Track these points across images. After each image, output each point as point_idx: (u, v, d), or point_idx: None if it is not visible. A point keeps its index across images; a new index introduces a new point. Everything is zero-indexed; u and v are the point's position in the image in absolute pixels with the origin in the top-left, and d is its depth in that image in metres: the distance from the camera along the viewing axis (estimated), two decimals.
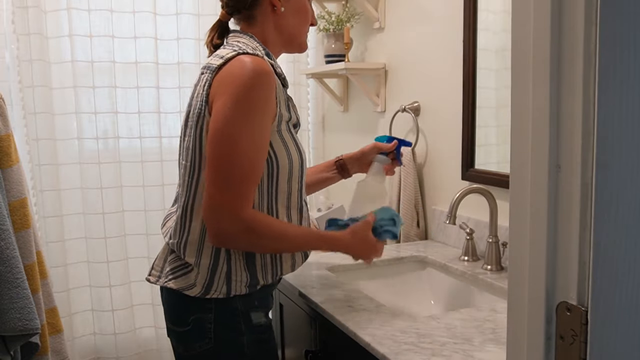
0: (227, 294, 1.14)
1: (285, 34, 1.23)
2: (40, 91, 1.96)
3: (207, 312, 1.14)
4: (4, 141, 1.51)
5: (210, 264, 1.13)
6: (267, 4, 1.19)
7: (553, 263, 0.53)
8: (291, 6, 1.21)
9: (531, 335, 0.56)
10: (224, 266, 1.13)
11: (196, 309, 1.15)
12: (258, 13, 1.20)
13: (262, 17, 1.20)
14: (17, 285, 1.42)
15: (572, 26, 0.50)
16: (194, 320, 1.15)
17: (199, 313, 1.15)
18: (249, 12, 1.19)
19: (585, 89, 0.49)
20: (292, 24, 1.22)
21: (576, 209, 0.51)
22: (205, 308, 1.15)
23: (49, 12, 1.95)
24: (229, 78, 1.08)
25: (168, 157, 2.12)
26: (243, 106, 1.06)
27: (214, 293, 1.13)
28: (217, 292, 1.14)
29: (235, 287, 1.14)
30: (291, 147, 1.17)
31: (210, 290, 1.13)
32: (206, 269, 1.13)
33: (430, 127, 1.85)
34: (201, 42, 2.09)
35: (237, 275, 1.14)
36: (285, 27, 1.22)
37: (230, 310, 1.15)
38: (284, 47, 1.27)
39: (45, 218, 2.01)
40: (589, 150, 0.49)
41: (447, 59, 1.74)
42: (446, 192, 1.77)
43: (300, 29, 1.25)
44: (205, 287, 1.13)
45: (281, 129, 1.15)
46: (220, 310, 1.15)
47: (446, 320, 1.18)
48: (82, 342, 2.12)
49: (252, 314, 1.17)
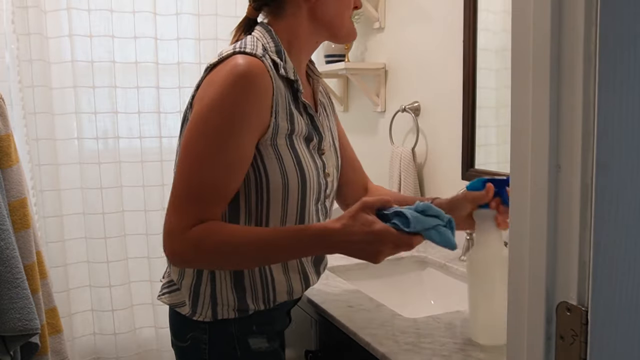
0: (212, 318, 1.04)
1: (324, 23, 1.08)
2: (40, 91, 1.96)
3: (202, 332, 1.06)
4: (4, 141, 1.51)
5: (192, 283, 1.04)
6: None
7: (553, 263, 0.53)
8: None
9: (531, 335, 0.56)
10: (208, 287, 1.03)
11: (192, 327, 1.07)
12: (287, 4, 1.05)
13: (292, 9, 1.05)
14: (17, 286, 1.42)
15: (572, 26, 0.50)
16: (191, 338, 1.08)
17: (195, 332, 1.07)
18: (278, 4, 1.06)
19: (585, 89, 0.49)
20: (331, 10, 1.07)
21: (576, 209, 0.51)
22: (200, 328, 1.06)
23: (49, 12, 1.95)
24: (210, 83, 0.96)
25: (168, 157, 2.12)
26: (216, 117, 0.93)
27: (200, 316, 1.05)
28: (203, 315, 1.04)
29: (221, 310, 1.04)
30: (288, 164, 1.00)
31: (196, 313, 1.05)
32: (188, 289, 1.05)
33: (430, 127, 1.85)
34: (201, 42, 2.09)
35: (223, 297, 1.03)
36: (323, 15, 1.06)
37: (224, 333, 1.06)
38: (329, 37, 1.13)
39: (45, 218, 2.01)
40: (589, 150, 0.49)
41: (447, 59, 1.74)
42: (446, 192, 1.77)
43: (342, 14, 1.09)
44: (192, 308, 1.05)
45: (276, 143, 0.99)
46: (213, 332, 1.06)
47: (446, 320, 1.17)
48: (82, 342, 2.12)
49: (249, 340, 1.06)
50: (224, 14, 2.11)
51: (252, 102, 0.95)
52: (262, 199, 1.00)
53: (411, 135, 1.91)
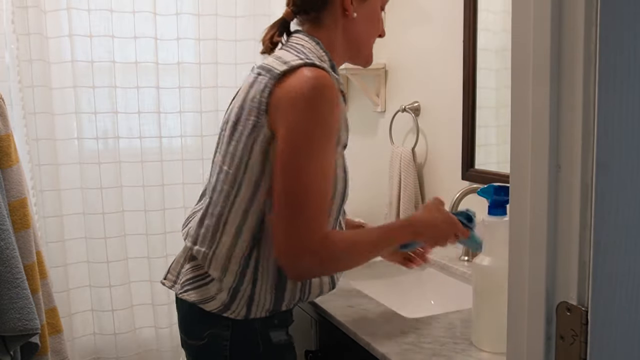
0: (245, 317, 1.06)
1: (353, 42, 1.13)
2: (40, 91, 1.96)
3: (224, 329, 1.07)
4: (4, 141, 1.51)
5: (233, 283, 1.04)
6: (338, 7, 1.09)
7: (553, 263, 0.53)
8: (364, 12, 1.12)
9: (531, 335, 0.56)
10: (248, 289, 1.05)
11: (213, 324, 1.07)
12: (326, 16, 1.10)
13: (330, 21, 1.10)
14: (17, 286, 1.42)
15: (572, 26, 0.50)
16: (209, 335, 1.08)
17: (215, 329, 1.07)
18: (317, 14, 1.10)
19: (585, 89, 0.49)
20: (361, 32, 1.13)
21: (576, 209, 0.51)
22: (222, 325, 1.07)
23: (48, 12, 1.95)
24: (294, 96, 0.97)
25: (168, 157, 2.11)
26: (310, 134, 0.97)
27: (232, 313, 1.06)
28: (235, 313, 1.06)
29: (255, 311, 1.06)
30: (340, 172, 1.07)
31: (229, 310, 1.06)
32: (228, 288, 1.05)
33: (430, 127, 1.85)
34: (201, 42, 2.09)
35: (261, 299, 1.05)
36: (353, 35, 1.12)
37: (248, 329, 1.07)
38: (350, 57, 1.18)
39: (45, 218, 2.01)
40: (589, 150, 0.49)
41: (447, 59, 1.74)
42: (446, 192, 1.77)
43: (368, 39, 1.16)
44: (225, 305, 1.06)
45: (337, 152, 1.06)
46: (238, 328, 1.07)
47: (446, 320, 1.17)
48: (82, 342, 2.12)
49: (271, 334, 1.09)
50: (224, 14, 2.10)
51: (335, 115, 1.00)
52: None
53: (411, 135, 1.91)
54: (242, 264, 1.04)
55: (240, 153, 1.02)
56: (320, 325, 1.34)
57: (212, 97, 2.12)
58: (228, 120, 1.09)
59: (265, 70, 1.02)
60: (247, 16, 2.13)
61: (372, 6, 1.13)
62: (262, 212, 1.02)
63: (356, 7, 1.10)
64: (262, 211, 1.02)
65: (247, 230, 1.03)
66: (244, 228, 1.03)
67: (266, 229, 1.03)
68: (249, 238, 1.03)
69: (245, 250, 1.03)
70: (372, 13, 1.14)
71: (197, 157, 2.13)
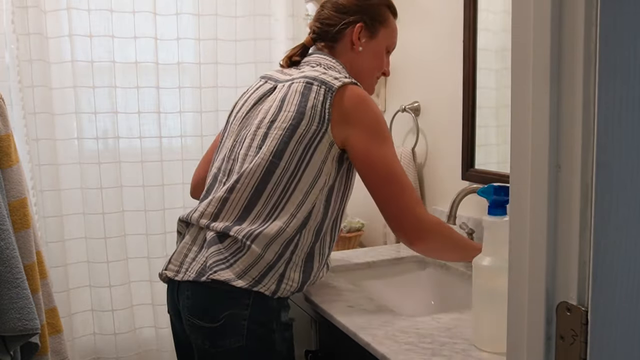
0: (272, 293, 1.18)
1: (357, 73, 1.32)
2: (40, 91, 1.96)
3: (243, 308, 1.17)
4: (4, 141, 1.51)
5: (271, 261, 1.18)
6: (348, 41, 1.32)
7: (553, 263, 0.53)
8: (369, 48, 1.33)
9: (531, 335, 0.56)
10: (281, 268, 1.19)
11: (232, 305, 1.17)
12: (339, 45, 1.33)
13: (341, 50, 1.33)
14: (17, 285, 1.42)
15: (572, 26, 0.50)
16: (227, 316, 1.16)
17: (234, 309, 1.16)
18: (332, 44, 1.33)
19: (585, 89, 0.49)
20: (365, 66, 1.34)
21: (576, 209, 0.51)
22: (242, 304, 1.17)
23: (48, 12, 1.95)
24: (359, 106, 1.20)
25: (168, 157, 2.11)
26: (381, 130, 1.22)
27: (262, 287, 1.17)
28: (265, 288, 1.17)
29: (283, 289, 1.19)
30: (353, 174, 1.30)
31: (259, 285, 1.17)
32: (265, 264, 1.17)
33: (430, 127, 1.85)
34: (201, 42, 2.09)
35: (289, 279, 1.20)
36: (358, 66, 1.33)
37: (267, 307, 1.19)
38: None
39: (45, 218, 2.00)
40: (589, 150, 0.49)
41: (447, 59, 1.74)
42: (446, 192, 1.77)
43: (370, 73, 1.36)
44: (256, 279, 1.17)
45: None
46: (257, 307, 1.17)
47: (446, 320, 1.18)
48: (82, 342, 2.12)
49: (282, 313, 1.22)
50: (224, 14, 2.10)
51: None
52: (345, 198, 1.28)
53: (411, 135, 1.91)
54: (284, 245, 1.18)
55: (302, 152, 1.19)
56: (320, 325, 1.34)
57: (212, 97, 2.12)
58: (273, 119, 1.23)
59: (320, 82, 1.21)
60: (247, 16, 2.12)
61: (378, 46, 1.34)
62: (313, 205, 1.20)
63: (363, 43, 1.32)
64: (314, 203, 1.20)
65: (299, 218, 1.19)
66: (297, 216, 1.19)
67: (312, 218, 1.20)
68: (297, 225, 1.19)
69: (291, 235, 1.19)
70: (376, 51, 1.34)
71: (197, 157, 2.12)
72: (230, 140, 1.31)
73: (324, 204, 1.22)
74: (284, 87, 1.25)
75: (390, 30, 1.37)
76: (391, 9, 1.38)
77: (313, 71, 1.24)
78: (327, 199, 1.22)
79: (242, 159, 1.24)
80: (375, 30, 1.33)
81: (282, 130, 1.20)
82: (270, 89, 1.30)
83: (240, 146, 1.27)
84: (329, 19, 1.33)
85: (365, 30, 1.32)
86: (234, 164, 1.26)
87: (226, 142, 1.33)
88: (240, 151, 1.26)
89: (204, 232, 1.23)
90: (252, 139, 1.24)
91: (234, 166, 1.26)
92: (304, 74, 1.25)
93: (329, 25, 1.32)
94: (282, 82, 1.28)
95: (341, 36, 1.32)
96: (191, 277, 1.19)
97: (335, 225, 1.28)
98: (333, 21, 1.32)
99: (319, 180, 1.20)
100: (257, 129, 1.24)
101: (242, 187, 1.21)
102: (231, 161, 1.27)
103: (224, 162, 1.29)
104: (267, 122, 1.23)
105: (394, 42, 1.40)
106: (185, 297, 1.22)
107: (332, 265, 1.57)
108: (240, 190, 1.21)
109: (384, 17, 1.35)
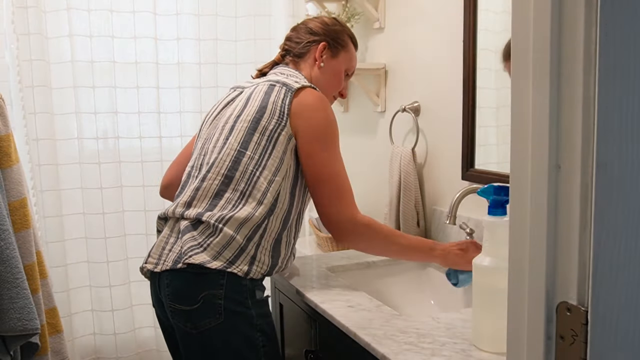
0: (245, 274, 1.26)
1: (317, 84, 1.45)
2: (40, 91, 1.96)
3: (218, 288, 1.24)
4: (4, 141, 1.51)
5: (242, 243, 1.26)
6: (312, 57, 1.47)
7: (553, 263, 0.53)
8: (329, 67, 1.48)
9: (531, 335, 0.56)
10: (252, 250, 1.28)
11: (207, 286, 1.24)
12: (303, 61, 1.49)
13: (304, 65, 1.48)
14: (17, 285, 1.42)
15: (572, 26, 0.50)
16: (204, 297, 1.23)
17: (209, 289, 1.24)
18: (297, 59, 1.49)
19: (585, 89, 0.49)
20: (324, 82, 1.47)
21: (576, 209, 0.51)
22: (217, 284, 1.24)
23: (48, 12, 1.95)
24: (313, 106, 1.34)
25: (168, 157, 2.11)
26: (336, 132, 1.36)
27: (235, 268, 1.25)
28: (238, 269, 1.25)
29: (254, 271, 1.27)
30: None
31: (232, 266, 1.25)
32: (237, 245, 1.26)
33: (430, 127, 1.85)
34: (201, 42, 2.09)
35: (260, 262, 1.29)
36: (317, 81, 1.46)
37: (240, 286, 1.26)
38: None
39: (45, 218, 2.00)
40: (589, 150, 0.49)
41: (447, 59, 1.74)
42: (446, 192, 1.77)
43: (328, 90, 1.49)
44: (230, 260, 1.25)
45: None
46: (230, 286, 1.25)
47: (446, 320, 1.18)
48: (82, 342, 2.12)
49: (256, 291, 1.29)
50: (224, 14, 2.10)
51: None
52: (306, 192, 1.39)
53: (411, 135, 1.91)
54: (253, 229, 1.28)
55: (265, 143, 1.31)
56: (320, 325, 1.34)
57: (212, 97, 2.11)
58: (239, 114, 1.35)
59: (282, 84, 1.35)
60: (247, 16, 2.13)
61: (338, 65, 1.49)
62: (278, 193, 1.30)
63: (325, 59, 1.47)
64: (278, 191, 1.30)
65: (266, 205, 1.29)
66: (265, 202, 1.29)
67: (278, 206, 1.31)
68: (265, 211, 1.29)
69: (260, 219, 1.28)
70: (336, 71, 1.49)
71: None
72: (202, 141, 1.44)
73: (289, 195, 1.33)
74: (250, 89, 1.40)
75: (350, 55, 1.52)
76: (352, 39, 1.53)
77: (276, 76, 1.40)
78: (292, 191, 1.34)
79: (211, 150, 1.36)
80: (337, 51, 1.48)
81: (247, 122, 1.33)
82: (238, 94, 1.44)
83: (210, 141, 1.39)
84: (298, 38, 1.50)
85: (328, 49, 1.47)
86: (204, 158, 1.37)
87: (198, 144, 1.45)
88: (209, 145, 1.38)
89: (179, 223, 1.33)
90: (220, 133, 1.37)
91: (204, 160, 1.37)
92: (267, 78, 1.42)
93: (297, 44, 1.49)
94: (248, 87, 1.43)
95: (306, 52, 1.48)
96: (169, 265, 1.28)
97: (300, 218, 1.39)
98: (300, 40, 1.49)
99: (281, 170, 1.31)
100: (224, 124, 1.37)
101: (213, 176, 1.31)
102: (202, 156, 1.39)
103: (196, 160, 1.41)
104: (234, 117, 1.36)
105: (352, 66, 1.54)
106: (165, 285, 1.29)
107: (332, 265, 1.57)
108: (211, 179, 1.31)
109: (345, 42, 1.50)
